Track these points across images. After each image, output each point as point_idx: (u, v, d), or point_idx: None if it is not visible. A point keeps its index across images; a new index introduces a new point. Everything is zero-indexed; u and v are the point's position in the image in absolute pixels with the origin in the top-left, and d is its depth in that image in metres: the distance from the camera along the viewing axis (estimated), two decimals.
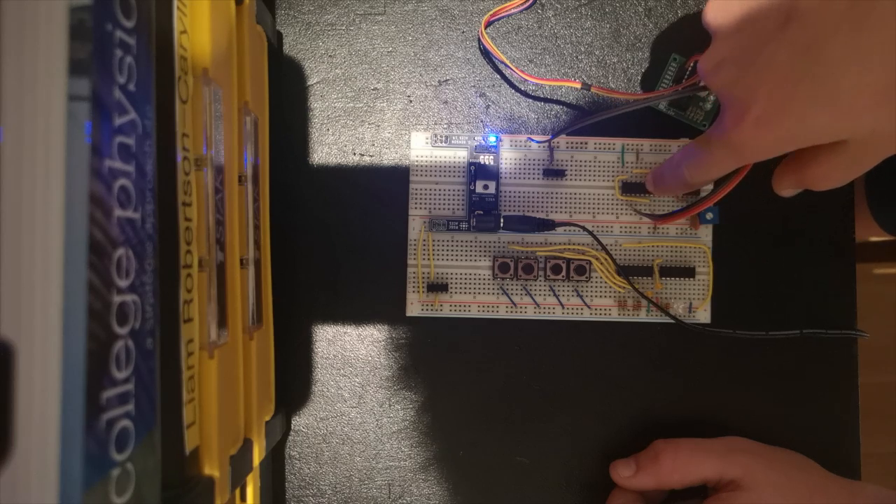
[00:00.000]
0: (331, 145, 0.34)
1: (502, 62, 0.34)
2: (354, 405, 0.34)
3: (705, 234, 0.34)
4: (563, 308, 0.34)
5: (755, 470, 0.30)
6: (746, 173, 0.28)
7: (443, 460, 0.34)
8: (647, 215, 0.34)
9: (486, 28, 0.34)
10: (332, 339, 0.34)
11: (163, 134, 0.19)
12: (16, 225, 0.13)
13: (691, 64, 0.33)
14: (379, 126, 0.35)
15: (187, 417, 0.21)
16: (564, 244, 0.34)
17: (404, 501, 0.34)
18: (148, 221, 0.18)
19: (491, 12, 0.34)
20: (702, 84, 0.26)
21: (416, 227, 0.34)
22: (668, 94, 0.32)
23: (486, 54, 0.34)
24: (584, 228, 0.33)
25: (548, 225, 0.33)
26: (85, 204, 0.15)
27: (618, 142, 0.34)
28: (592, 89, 0.33)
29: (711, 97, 0.34)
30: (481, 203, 0.34)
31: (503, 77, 0.34)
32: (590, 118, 0.32)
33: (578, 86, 0.33)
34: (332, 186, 0.34)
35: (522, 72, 0.34)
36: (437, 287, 0.34)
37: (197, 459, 0.22)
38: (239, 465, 0.25)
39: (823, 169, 0.25)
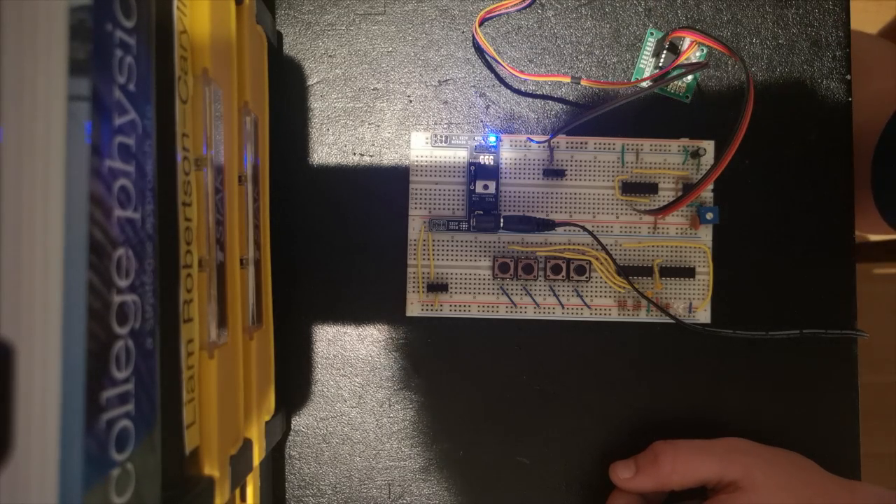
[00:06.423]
0: (331, 145, 0.34)
1: (495, 59, 0.34)
2: (354, 405, 0.34)
3: (705, 234, 0.34)
4: (563, 308, 0.34)
5: (755, 471, 0.30)
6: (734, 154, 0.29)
7: (443, 460, 0.34)
8: (646, 211, 0.34)
9: (480, 26, 0.34)
10: (332, 339, 0.34)
11: (163, 134, 0.19)
12: (16, 225, 0.13)
13: (669, 40, 0.33)
14: (379, 126, 0.35)
15: (187, 417, 0.21)
16: (564, 244, 0.34)
17: (404, 501, 0.34)
18: (148, 221, 0.18)
19: (486, 10, 0.34)
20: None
21: (416, 227, 0.34)
22: (657, 77, 0.32)
23: (480, 52, 0.34)
24: (584, 228, 0.33)
25: (548, 225, 0.33)
26: (85, 204, 0.15)
27: (618, 142, 0.34)
28: (582, 82, 0.33)
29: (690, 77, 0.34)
30: (481, 203, 0.34)
31: (497, 76, 0.34)
32: (586, 115, 0.32)
33: (568, 80, 0.33)
34: (332, 186, 0.34)
35: (513, 68, 0.34)
36: (437, 287, 0.34)
37: (197, 459, 0.22)
38: (239, 465, 0.25)
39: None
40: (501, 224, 0.33)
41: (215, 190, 0.23)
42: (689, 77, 0.34)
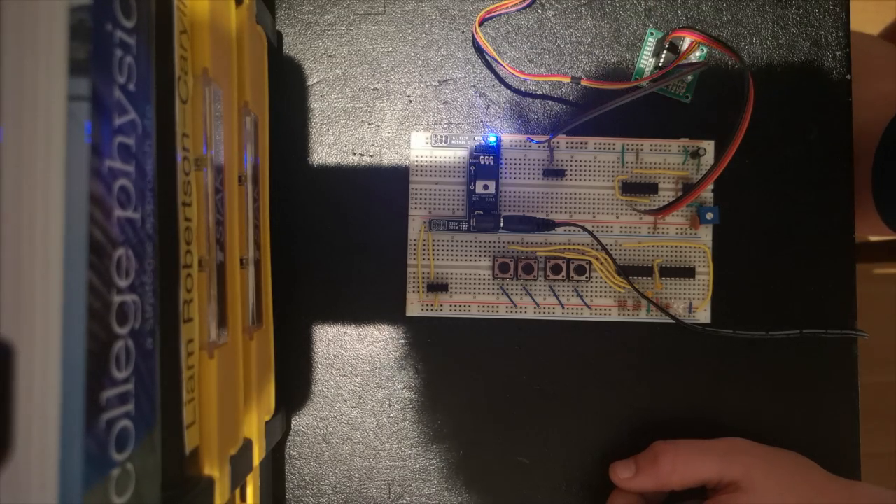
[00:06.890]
0: (331, 145, 0.34)
1: (495, 59, 0.34)
2: (354, 405, 0.34)
3: (705, 234, 0.34)
4: (563, 308, 0.34)
5: (755, 471, 0.30)
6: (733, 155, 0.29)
7: (443, 460, 0.34)
8: (646, 211, 0.34)
9: (480, 26, 0.34)
10: (332, 339, 0.34)
11: (163, 134, 0.19)
12: (16, 225, 0.13)
13: (669, 40, 0.33)
14: (379, 126, 0.35)
15: (187, 417, 0.21)
16: (564, 244, 0.34)
17: (404, 501, 0.34)
18: (148, 221, 0.18)
19: (486, 10, 0.34)
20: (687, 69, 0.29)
21: (416, 227, 0.34)
22: (657, 77, 0.32)
23: (480, 52, 0.34)
24: (584, 228, 0.33)
25: (548, 225, 0.33)
26: (85, 204, 0.15)
27: (618, 142, 0.34)
28: (582, 82, 0.33)
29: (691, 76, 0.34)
30: (481, 203, 0.34)
31: (497, 76, 0.34)
32: (586, 115, 0.32)
33: (568, 80, 0.33)
34: (332, 186, 0.34)
35: (513, 68, 0.34)
36: (437, 287, 0.34)
37: (197, 459, 0.22)
38: (239, 465, 0.25)
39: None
40: (501, 224, 0.33)
41: (215, 190, 0.23)
42: (689, 77, 0.34)
